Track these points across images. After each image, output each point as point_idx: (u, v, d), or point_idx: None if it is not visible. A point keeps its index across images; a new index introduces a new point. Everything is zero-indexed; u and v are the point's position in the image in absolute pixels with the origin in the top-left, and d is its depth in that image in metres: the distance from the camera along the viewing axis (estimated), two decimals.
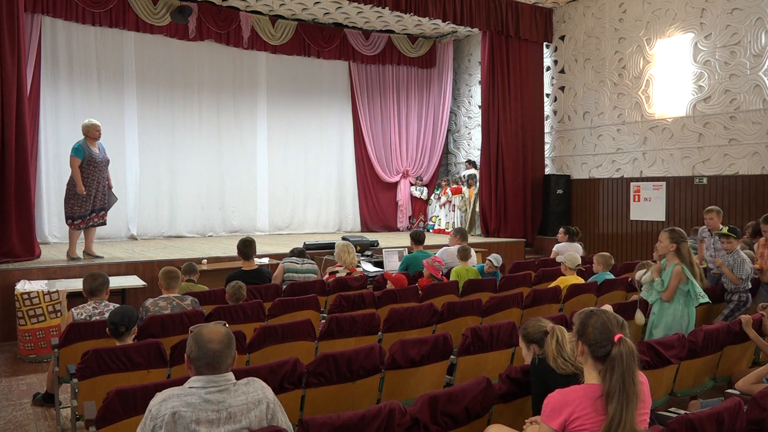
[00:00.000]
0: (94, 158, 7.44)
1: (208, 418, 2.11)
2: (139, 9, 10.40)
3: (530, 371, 2.89)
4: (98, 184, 7.54)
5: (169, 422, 2.07)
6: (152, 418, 2.09)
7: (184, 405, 2.10)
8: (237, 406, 2.19)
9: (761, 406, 2.51)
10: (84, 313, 4.26)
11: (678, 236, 4.36)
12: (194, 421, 2.09)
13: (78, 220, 7.50)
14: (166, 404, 2.11)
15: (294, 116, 12.61)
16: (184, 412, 2.09)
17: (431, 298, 5.43)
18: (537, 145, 11.71)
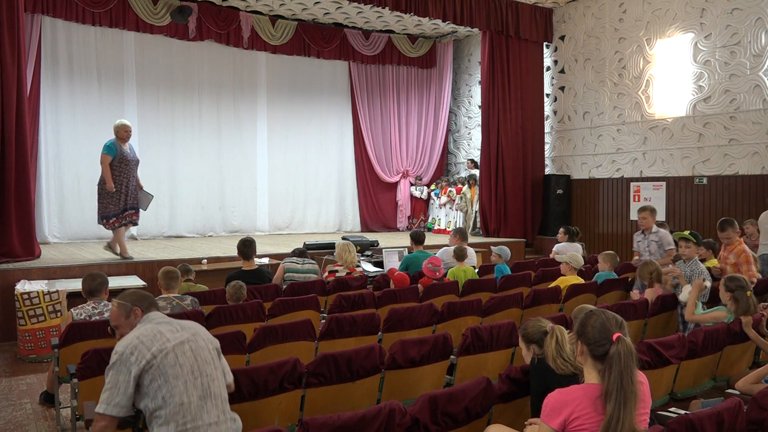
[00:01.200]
0: (126, 157, 7.49)
1: (168, 329, 2.56)
2: (139, 9, 10.40)
3: (530, 371, 2.89)
4: (128, 183, 7.59)
5: (137, 345, 2.44)
6: (122, 362, 2.41)
7: (143, 334, 2.50)
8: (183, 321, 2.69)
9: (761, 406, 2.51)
10: (83, 313, 4.26)
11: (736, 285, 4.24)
12: (157, 333, 2.51)
13: (112, 219, 7.57)
14: (128, 342, 2.47)
15: (294, 116, 12.61)
16: (145, 336, 2.49)
17: (431, 298, 5.43)
18: (537, 145, 11.71)
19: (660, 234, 5.88)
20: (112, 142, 7.47)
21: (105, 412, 2.39)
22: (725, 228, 5.67)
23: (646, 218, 5.92)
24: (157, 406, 2.39)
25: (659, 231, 5.86)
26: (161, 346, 2.47)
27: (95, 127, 10.51)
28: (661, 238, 5.87)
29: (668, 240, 5.82)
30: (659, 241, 5.89)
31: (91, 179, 10.39)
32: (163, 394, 2.40)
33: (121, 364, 2.41)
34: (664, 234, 5.85)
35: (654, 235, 5.94)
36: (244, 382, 2.91)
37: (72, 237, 10.31)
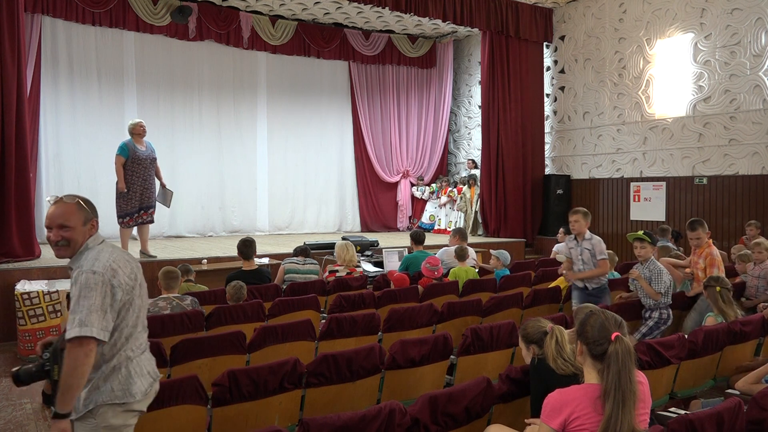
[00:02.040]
0: (138, 156, 7.56)
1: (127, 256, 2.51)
2: (139, 9, 10.40)
3: (530, 371, 2.89)
4: (144, 182, 7.65)
5: (116, 270, 2.35)
6: (105, 283, 2.28)
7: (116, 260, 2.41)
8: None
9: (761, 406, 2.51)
10: None
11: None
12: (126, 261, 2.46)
13: (126, 218, 7.62)
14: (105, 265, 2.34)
15: (294, 116, 12.61)
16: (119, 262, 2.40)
17: (431, 298, 5.43)
18: (537, 145, 11.71)
19: (593, 241, 5.25)
20: (125, 143, 7.58)
21: (98, 336, 2.21)
22: (696, 228, 5.28)
23: (578, 221, 5.26)
24: (116, 335, 2.33)
25: (593, 238, 5.24)
26: (137, 277, 2.43)
27: (95, 127, 10.52)
28: (594, 246, 5.23)
29: (601, 249, 5.21)
30: (592, 250, 5.23)
31: (91, 179, 10.46)
32: (126, 323, 2.36)
33: (105, 286, 2.28)
34: (598, 242, 5.24)
35: (587, 242, 5.27)
36: (244, 382, 2.91)
37: None
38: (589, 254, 5.24)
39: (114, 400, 2.31)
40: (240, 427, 2.95)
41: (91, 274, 2.27)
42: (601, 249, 5.22)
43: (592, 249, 5.23)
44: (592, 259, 5.22)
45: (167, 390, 2.74)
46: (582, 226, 5.27)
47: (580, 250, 5.30)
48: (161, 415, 2.74)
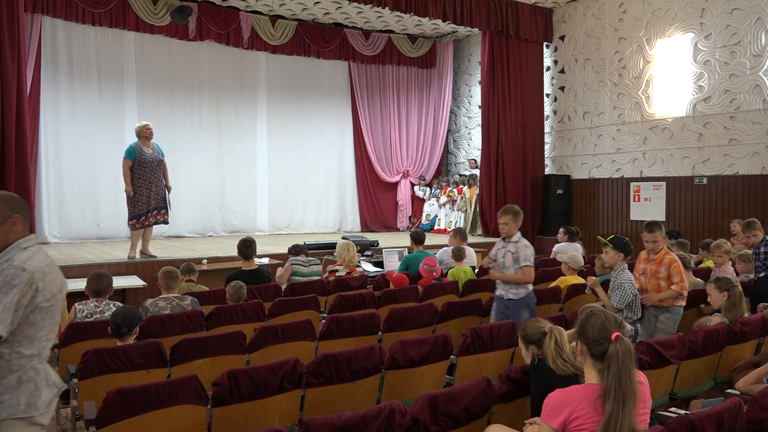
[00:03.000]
0: (145, 158, 7.60)
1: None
2: (139, 9, 10.40)
3: (530, 372, 2.89)
4: (150, 184, 7.69)
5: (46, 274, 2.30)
6: (30, 284, 2.20)
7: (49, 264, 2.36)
8: None
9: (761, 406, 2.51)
10: (86, 309, 4.27)
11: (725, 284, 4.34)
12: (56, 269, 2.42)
13: (133, 220, 7.69)
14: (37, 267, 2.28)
15: (294, 116, 12.61)
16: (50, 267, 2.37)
17: (431, 298, 5.43)
18: (537, 145, 11.71)
19: (519, 245, 4.67)
20: (132, 146, 7.63)
21: (1, 333, 2.13)
22: (653, 230, 4.81)
23: (508, 224, 4.68)
24: (27, 344, 2.24)
25: (520, 241, 4.70)
26: (61, 289, 2.37)
27: (95, 127, 10.53)
28: (519, 250, 4.65)
29: (526, 254, 4.63)
30: (515, 253, 4.65)
31: (91, 179, 10.47)
32: (42, 334, 2.29)
33: (28, 287, 2.20)
34: (524, 246, 4.68)
35: (512, 245, 4.70)
36: (244, 382, 2.91)
37: (72, 237, 10.30)
38: (511, 258, 4.65)
39: (18, 414, 2.23)
40: (240, 427, 2.95)
41: (20, 270, 2.20)
42: (526, 255, 4.63)
43: (516, 253, 4.64)
44: (514, 264, 4.63)
45: (167, 390, 2.74)
46: (512, 228, 4.71)
47: (504, 252, 4.74)
48: (161, 415, 2.74)
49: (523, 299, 4.66)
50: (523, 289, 4.68)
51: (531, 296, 4.75)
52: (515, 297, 4.67)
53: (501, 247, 4.81)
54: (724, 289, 4.26)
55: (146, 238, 7.93)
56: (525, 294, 4.68)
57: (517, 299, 4.65)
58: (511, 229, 4.71)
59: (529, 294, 4.72)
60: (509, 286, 4.68)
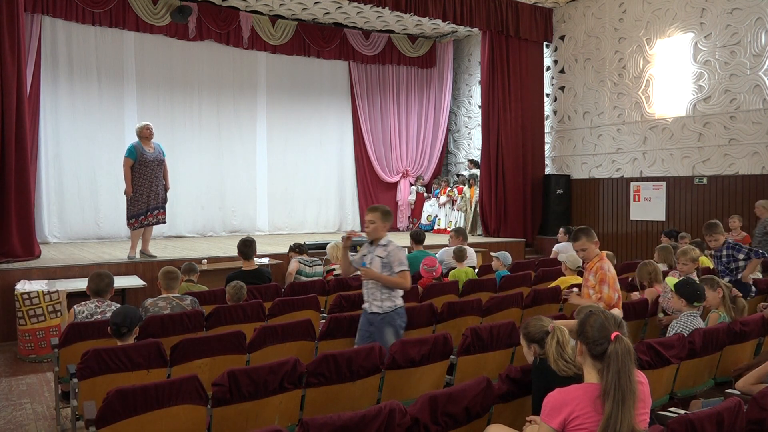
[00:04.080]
0: (146, 158, 7.62)
1: None
2: (139, 9, 10.40)
3: (531, 371, 2.88)
4: (151, 184, 7.71)
5: None
6: None
7: None
8: None
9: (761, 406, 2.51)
10: (86, 311, 4.26)
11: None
12: None
13: (132, 220, 7.71)
14: None
15: (294, 116, 12.61)
16: None
17: (431, 298, 5.43)
18: (537, 145, 11.71)
19: (390, 249, 4.09)
20: (133, 145, 7.65)
21: None
22: (579, 237, 4.29)
23: (374, 222, 4.12)
24: None
25: (390, 244, 4.12)
26: None
27: (95, 127, 10.53)
28: (391, 254, 4.06)
29: (400, 259, 4.08)
30: (386, 258, 4.06)
31: (91, 179, 10.47)
32: None
33: None
34: (396, 249, 4.10)
35: (381, 248, 4.11)
36: (244, 382, 2.91)
37: (72, 237, 10.31)
38: (380, 264, 4.05)
39: None
40: (240, 427, 2.95)
41: None
42: (400, 258, 4.07)
43: (387, 257, 4.06)
44: (383, 270, 4.04)
45: (167, 390, 2.74)
46: (379, 229, 4.13)
47: (371, 258, 4.12)
48: (161, 415, 2.74)
49: (388, 314, 4.03)
50: (389, 301, 4.05)
51: (399, 312, 4.10)
52: (380, 311, 4.03)
53: (367, 251, 4.19)
54: (717, 287, 4.27)
55: (146, 238, 7.95)
56: (391, 308, 4.06)
57: (381, 313, 4.03)
58: (377, 229, 4.12)
59: (396, 309, 4.08)
60: (375, 296, 4.06)
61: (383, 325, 4.01)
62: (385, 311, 4.04)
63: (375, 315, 4.05)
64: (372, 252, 4.16)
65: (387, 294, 4.07)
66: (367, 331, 4.06)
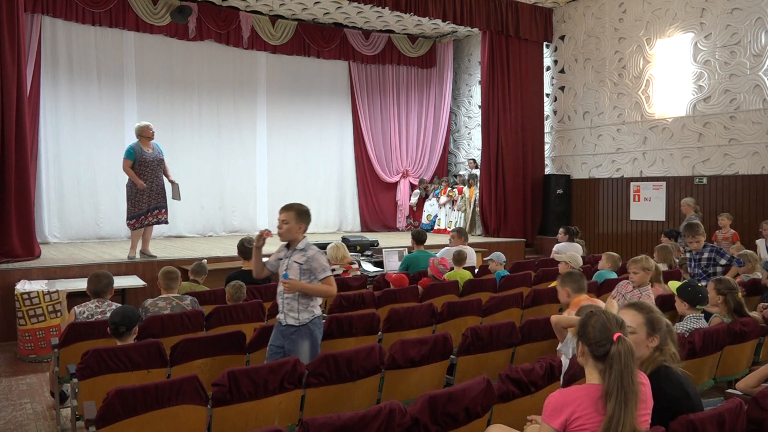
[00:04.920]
0: (145, 158, 7.63)
1: None
2: (139, 9, 10.40)
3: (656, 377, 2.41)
4: (152, 184, 7.72)
5: None
6: None
7: None
8: None
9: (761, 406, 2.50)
10: (86, 311, 4.27)
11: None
12: None
13: (133, 220, 7.70)
14: None
15: (294, 116, 12.61)
16: None
17: (431, 298, 5.43)
18: (537, 145, 11.71)
19: (310, 254, 3.71)
20: (132, 146, 7.65)
21: None
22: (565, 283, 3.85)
23: (288, 222, 3.73)
24: None
25: (309, 249, 3.75)
26: None
27: (95, 127, 10.53)
28: (312, 259, 3.69)
29: (322, 264, 3.72)
30: (306, 264, 3.68)
31: (91, 179, 10.46)
32: None
33: None
34: (316, 254, 3.74)
35: (299, 253, 3.72)
36: (244, 382, 2.91)
37: (72, 237, 10.31)
38: (298, 270, 3.66)
39: None
40: (240, 427, 2.95)
41: None
42: (322, 264, 3.71)
43: (307, 263, 3.68)
44: (302, 277, 3.66)
45: (167, 390, 2.74)
46: (293, 231, 3.73)
47: (288, 263, 3.72)
48: (161, 415, 2.74)
49: (305, 326, 3.66)
50: (307, 312, 3.68)
51: (316, 322, 3.74)
52: (296, 323, 3.65)
53: (284, 255, 3.79)
54: (721, 293, 4.25)
55: (146, 238, 7.94)
56: (308, 319, 3.68)
57: (298, 326, 3.64)
58: (291, 230, 3.71)
59: (313, 320, 3.71)
60: (291, 306, 3.66)
61: (299, 338, 3.63)
62: (302, 323, 3.65)
63: (290, 328, 3.65)
64: (290, 257, 3.73)
65: (305, 304, 3.67)
66: (279, 347, 3.66)
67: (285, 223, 3.72)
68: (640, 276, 4.71)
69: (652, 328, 2.46)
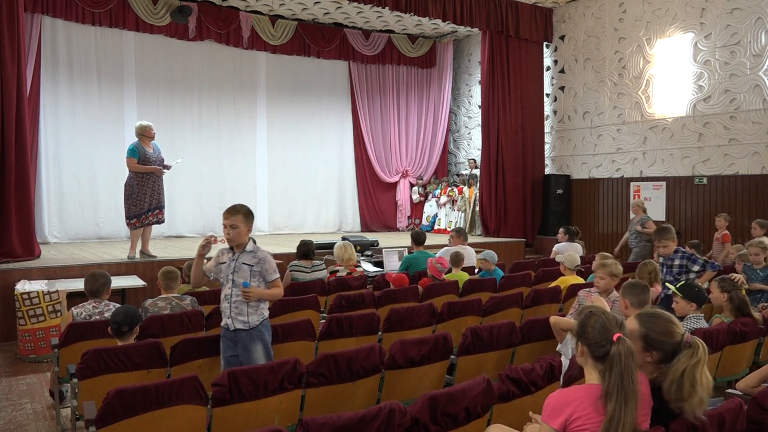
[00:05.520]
0: (148, 158, 7.62)
1: None
2: (139, 9, 10.40)
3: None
4: (154, 183, 7.72)
5: None
6: None
7: None
8: None
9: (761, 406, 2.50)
10: (84, 313, 4.26)
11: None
12: None
13: (134, 219, 7.68)
14: None
15: (294, 116, 12.61)
16: None
17: (431, 298, 5.43)
18: (537, 145, 11.71)
19: (260, 256, 3.59)
20: (134, 145, 7.63)
21: None
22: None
23: (237, 226, 3.56)
24: None
25: (259, 251, 3.61)
26: None
27: (95, 127, 10.54)
28: (262, 262, 3.58)
29: (273, 267, 3.62)
30: (256, 267, 3.58)
31: (91, 179, 10.46)
32: None
33: None
34: (267, 257, 3.61)
35: (248, 255, 3.60)
36: (244, 382, 2.91)
37: (72, 237, 10.31)
38: (248, 271, 3.56)
39: None
40: (240, 427, 2.95)
41: None
42: (273, 266, 3.62)
43: (258, 265, 3.58)
44: (252, 279, 3.56)
45: (167, 390, 2.74)
46: (242, 234, 3.58)
47: (236, 266, 3.58)
48: (161, 415, 2.74)
49: (256, 329, 3.58)
50: (256, 315, 3.59)
51: (266, 324, 3.66)
52: (245, 326, 3.55)
53: (229, 259, 3.63)
54: (726, 291, 4.25)
55: (146, 237, 7.94)
56: (258, 322, 3.60)
57: (248, 329, 3.56)
58: (240, 234, 3.56)
59: (263, 321, 3.63)
60: (240, 310, 3.55)
61: (251, 342, 3.54)
62: (252, 326, 3.56)
63: (239, 332, 3.55)
64: (236, 260, 3.59)
65: (255, 307, 3.58)
66: (232, 356, 3.57)
67: (233, 228, 3.56)
68: (606, 282, 4.26)
69: (649, 345, 2.25)
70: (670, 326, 2.25)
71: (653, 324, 2.27)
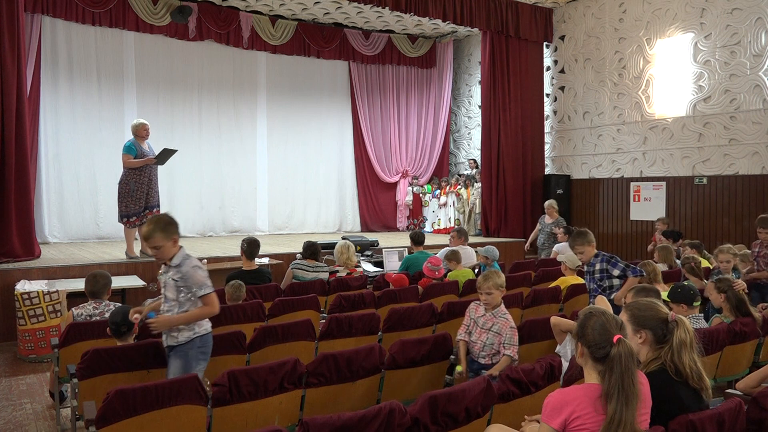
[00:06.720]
0: (145, 155, 7.56)
1: None
2: (139, 9, 10.40)
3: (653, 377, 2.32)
4: (150, 182, 7.66)
5: None
6: None
7: None
8: None
9: (761, 406, 2.51)
10: (84, 313, 4.26)
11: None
12: None
13: (133, 218, 7.61)
14: None
15: (294, 116, 12.61)
16: None
17: (431, 298, 5.43)
18: (537, 145, 11.71)
19: (184, 269, 3.28)
20: (131, 142, 7.59)
21: None
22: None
23: (160, 246, 3.27)
24: None
25: (185, 263, 3.29)
26: None
27: (95, 127, 10.53)
28: (187, 276, 3.27)
29: (199, 280, 3.27)
30: (181, 281, 3.28)
31: (91, 179, 10.46)
32: None
33: None
34: (193, 270, 3.28)
35: (175, 270, 3.31)
36: (244, 382, 2.91)
37: (72, 237, 10.31)
38: (174, 288, 3.29)
39: None
40: (240, 427, 2.95)
41: None
42: (199, 280, 3.28)
43: (183, 279, 3.27)
44: (180, 295, 3.28)
45: (167, 390, 2.74)
46: (167, 250, 3.28)
47: (164, 281, 3.37)
48: (161, 415, 2.74)
49: (181, 347, 3.29)
50: (188, 331, 3.29)
51: (197, 342, 3.32)
52: (174, 343, 3.30)
53: (163, 272, 3.56)
54: (722, 291, 4.25)
55: None
56: (188, 339, 3.30)
57: (175, 345, 3.30)
58: (165, 251, 3.26)
59: (193, 339, 3.31)
60: (171, 327, 3.30)
61: (173, 359, 3.30)
62: (180, 342, 3.28)
63: (168, 348, 3.34)
64: (166, 273, 3.37)
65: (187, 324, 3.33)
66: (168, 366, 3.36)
67: (156, 249, 3.27)
68: (494, 296, 3.79)
69: (637, 324, 2.43)
70: (651, 303, 2.45)
71: (635, 304, 2.49)
